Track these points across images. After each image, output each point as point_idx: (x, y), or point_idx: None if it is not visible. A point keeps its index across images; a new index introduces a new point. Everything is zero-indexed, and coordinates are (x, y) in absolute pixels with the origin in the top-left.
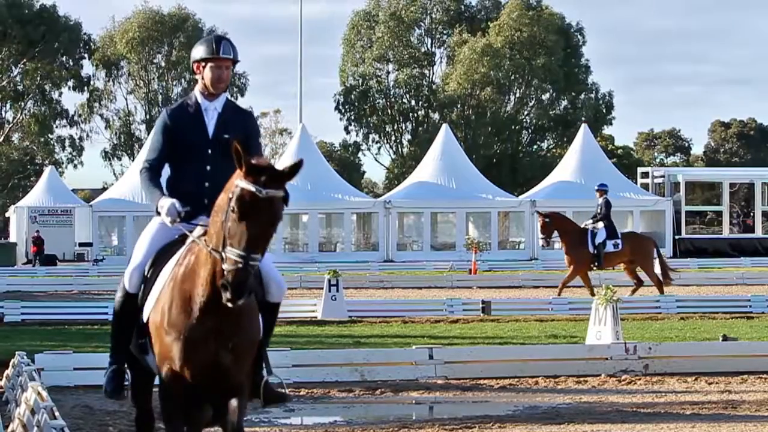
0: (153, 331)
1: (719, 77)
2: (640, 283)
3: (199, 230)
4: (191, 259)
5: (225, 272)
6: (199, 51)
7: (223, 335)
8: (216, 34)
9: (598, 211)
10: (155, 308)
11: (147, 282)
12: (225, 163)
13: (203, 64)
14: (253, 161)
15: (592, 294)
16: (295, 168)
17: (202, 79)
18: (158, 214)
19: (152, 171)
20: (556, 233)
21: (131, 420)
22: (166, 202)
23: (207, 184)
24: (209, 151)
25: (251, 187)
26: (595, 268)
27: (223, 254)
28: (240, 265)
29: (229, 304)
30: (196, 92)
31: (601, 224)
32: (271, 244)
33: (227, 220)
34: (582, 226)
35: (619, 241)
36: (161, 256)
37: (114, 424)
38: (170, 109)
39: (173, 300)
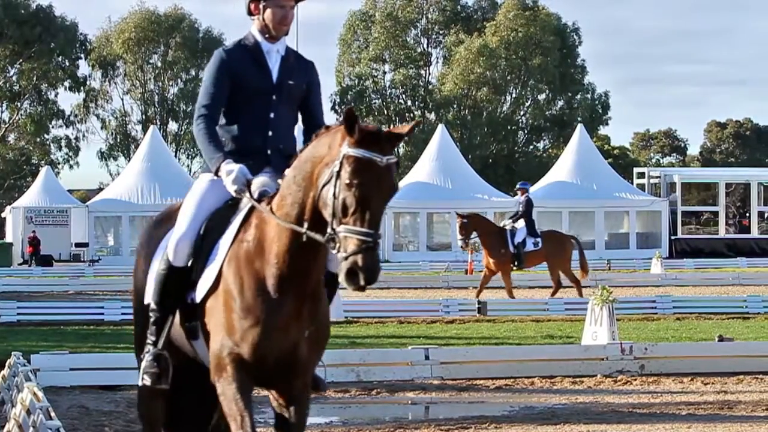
0: (213, 314)
1: (715, 77)
2: (559, 285)
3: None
4: (256, 233)
5: (346, 255)
6: None
7: (301, 321)
8: None
9: (519, 209)
10: (215, 288)
11: (198, 255)
12: (287, 111)
13: (263, 2)
14: (367, 127)
15: (511, 296)
16: (411, 130)
17: (262, 19)
18: (216, 175)
19: (210, 120)
20: (475, 234)
21: (127, 420)
22: (233, 167)
23: (270, 133)
24: (273, 97)
25: (371, 156)
26: (515, 268)
27: (335, 234)
28: (369, 245)
29: (357, 291)
30: (254, 33)
31: (521, 223)
32: None
33: (337, 194)
34: (501, 225)
35: (539, 240)
36: (213, 224)
37: (110, 425)
38: (227, 48)
39: (243, 280)
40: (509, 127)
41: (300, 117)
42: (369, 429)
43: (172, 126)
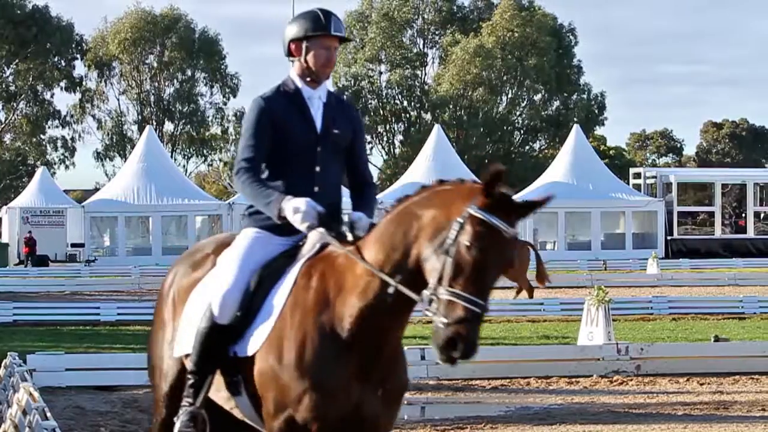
0: (263, 371)
1: (711, 78)
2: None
3: (323, 243)
4: (326, 281)
5: (448, 322)
6: (301, 27)
7: (372, 380)
8: (319, 7)
9: None
10: (270, 343)
11: (248, 310)
12: (333, 163)
13: (306, 43)
14: (504, 191)
15: None
16: (544, 202)
17: (304, 62)
18: (280, 219)
19: (254, 172)
20: None
21: (123, 420)
22: (299, 203)
23: (316, 188)
24: (318, 149)
25: (499, 224)
26: None
27: (436, 296)
28: (477, 314)
29: (447, 365)
30: (294, 78)
31: None
32: None
33: (452, 253)
34: None
35: None
36: (265, 275)
37: (105, 425)
38: (266, 96)
39: (305, 333)
40: (505, 128)
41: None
42: None
43: (168, 126)
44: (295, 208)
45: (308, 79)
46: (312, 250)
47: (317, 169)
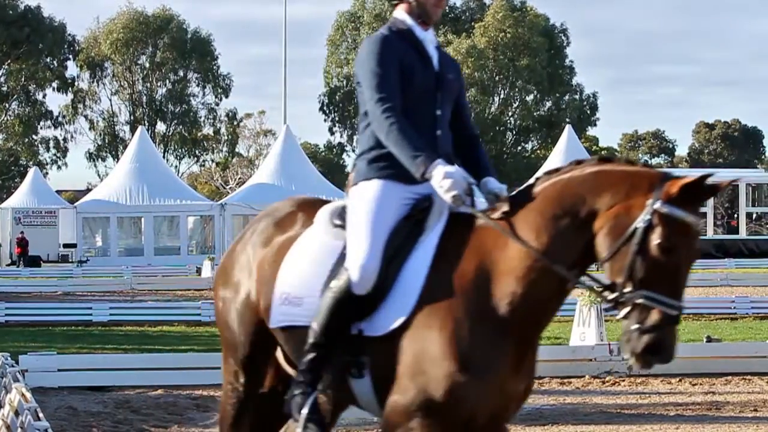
0: (405, 354)
1: (703, 79)
2: None
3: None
4: (482, 262)
5: (644, 328)
6: None
7: (520, 374)
8: None
9: None
10: (414, 324)
11: (383, 282)
12: (448, 110)
13: None
14: (689, 181)
15: None
16: (727, 185)
17: (415, 2)
18: (422, 179)
19: (400, 112)
20: None
21: (115, 421)
22: (450, 169)
23: (439, 132)
24: (438, 93)
25: (691, 219)
26: None
27: (625, 298)
28: (672, 318)
29: (637, 368)
30: (403, 17)
31: None
32: None
33: (640, 252)
34: None
35: None
36: (396, 244)
37: (98, 426)
38: (386, 34)
39: (458, 318)
40: (497, 128)
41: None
42: (357, 429)
43: (160, 127)
44: (447, 173)
45: (420, 20)
46: (442, 217)
47: (438, 113)
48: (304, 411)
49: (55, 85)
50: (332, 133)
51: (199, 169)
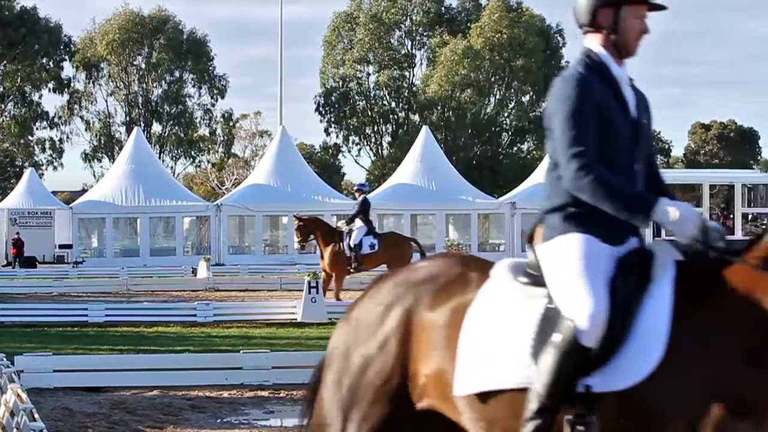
0: (657, 403)
1: (700, 79)
2: None
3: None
4: (734, 303)
5: None
6: None
7: None
8: None
9: (355, 211)
10: (669, 369)
11: (614, 330)
12: (643, 161)
13: (621, 10)
14: None
15: (338, 299)
16: None
17: (614, 33)
18: (646, 220)
19: (601, 166)
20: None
21: (110, 422)
22: (684, 206)
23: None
24: (636, 145)
25: None
26: (353, 270)
27: None
28: None
29: None
30: (598, 51)
31: (357, 224)
32: (252, 246)
33: None
34: (336, 228)
35: (375, 242)
36: (620, 292)
37: (93, 426)
38: (582, 73)
39: (729, 360)
40: (493, 129)
41: None
42: None
43: (156, 128)
44: (683, 212)
45: (617, 54)
46: (668, 264)
47: (636, 167)
48: None
49: (51, 85)
50: (328, 134)
51: (195, 170)
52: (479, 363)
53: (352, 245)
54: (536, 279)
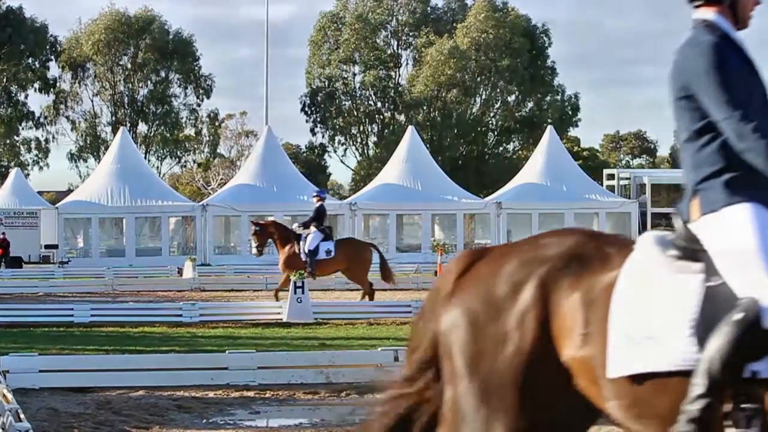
0: None
1: None
2: (371, 287)
3: None
4: None
5: None
6: None
7: None
8: None
9: (309, 217)
10: None
11: None
12: None
13: None
14: None
15: (277, 299)
16: None
17: (731, 5)
18: None
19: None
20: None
21: (96, 422)
22: None
23: None
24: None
25: None
26: (307, 275)
27: None
28: None
29: None
30: (717, 21)
31: (312, 230)
32: (238, 246)
33: None
34: (293, 230)
35: (331, 248)
36: None
37: (79, 427)
38: (715, 41)
39: None
40: (479, 129)
41: None
42: (338, 431)
43: (142, 128)
44: None
45: (736, 27)
46: None
47: None
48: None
49: (36, 85)
50: (314, 134)
51: (181, 170)
52: (633, 344)
53: (306, 251)
54: (689, 253)
